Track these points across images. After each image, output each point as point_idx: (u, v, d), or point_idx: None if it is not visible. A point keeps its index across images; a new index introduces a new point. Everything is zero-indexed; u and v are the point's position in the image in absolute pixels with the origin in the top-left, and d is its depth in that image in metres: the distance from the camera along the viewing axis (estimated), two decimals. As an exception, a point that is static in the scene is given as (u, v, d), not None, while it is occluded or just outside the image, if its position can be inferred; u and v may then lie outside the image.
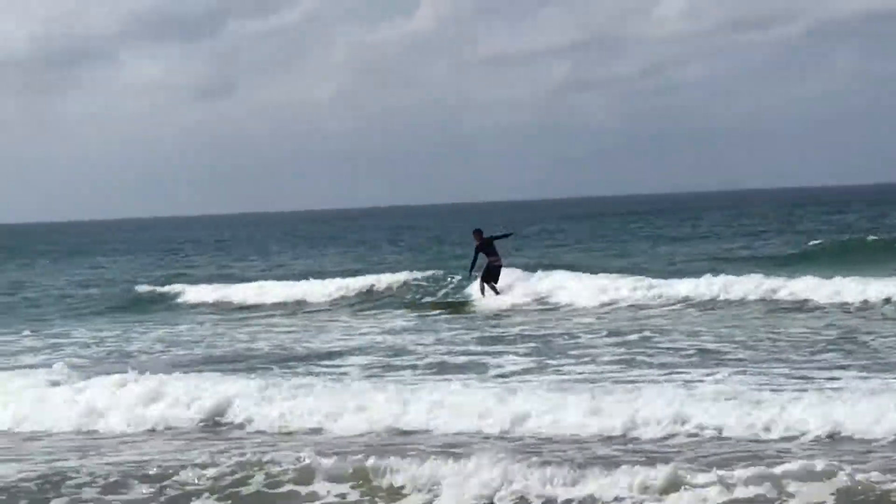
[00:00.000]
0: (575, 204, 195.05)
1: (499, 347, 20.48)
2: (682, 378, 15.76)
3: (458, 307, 29.07)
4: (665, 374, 16.36)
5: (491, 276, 29.30)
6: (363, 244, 70.96)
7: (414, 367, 18.50)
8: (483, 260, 29.31)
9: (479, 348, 20.48)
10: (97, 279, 47.42)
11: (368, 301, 31.60)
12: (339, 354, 20.46)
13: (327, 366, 18.97)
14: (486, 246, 29.21)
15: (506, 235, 31.11)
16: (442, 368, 18.17)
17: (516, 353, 19.36)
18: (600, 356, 18.61)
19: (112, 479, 11.28)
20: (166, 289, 35.97)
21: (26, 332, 26.48)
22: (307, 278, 35.24)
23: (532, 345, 20.52)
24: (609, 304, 27.60)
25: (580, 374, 16.94)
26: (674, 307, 26.80)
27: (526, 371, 17.39)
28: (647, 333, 21.41)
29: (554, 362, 18.15)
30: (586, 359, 18.44)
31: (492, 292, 29.12)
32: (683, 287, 28.09)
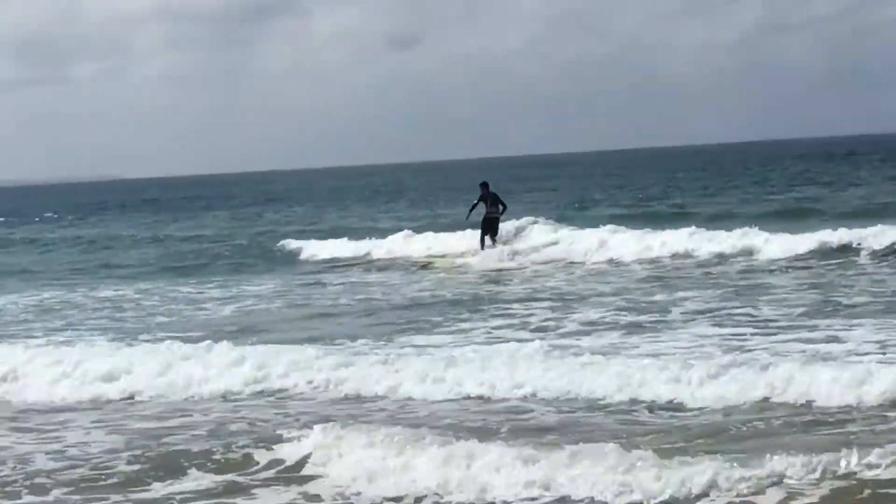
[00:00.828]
0: (782, 146, 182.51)
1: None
2: None
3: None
4: None
5: (488, 229, 30.14)
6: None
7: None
8: (482, 210, 30.29)
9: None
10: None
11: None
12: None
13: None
14: (488, 199, 30.08)
15: (504, 207, 30.51)
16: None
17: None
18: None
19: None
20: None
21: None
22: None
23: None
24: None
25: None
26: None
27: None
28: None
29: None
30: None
31: (490, 244, 30.03)
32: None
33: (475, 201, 30.71)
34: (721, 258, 26.43)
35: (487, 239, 30.17)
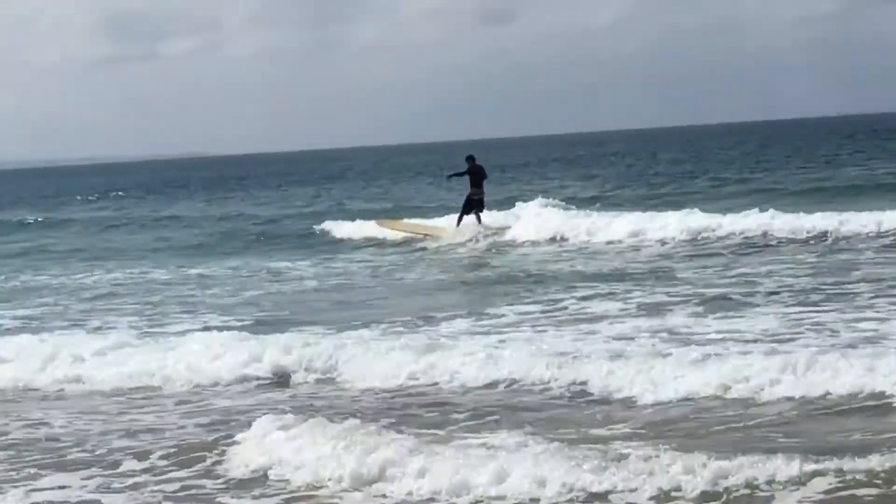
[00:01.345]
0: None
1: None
2: None
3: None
4: None
5: (473, 208, 28.67)
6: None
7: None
8: (467, 189, 28.85)
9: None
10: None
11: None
12: None
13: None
14: (474, 174, 28.56)
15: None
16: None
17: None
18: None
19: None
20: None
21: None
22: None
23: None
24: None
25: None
26: None
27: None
28: None
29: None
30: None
31: (470, 221, 28.64)
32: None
33: (461, 172, 29.48)
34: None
35: (469, 218, 28.82)
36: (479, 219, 28.86)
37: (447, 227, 29.53)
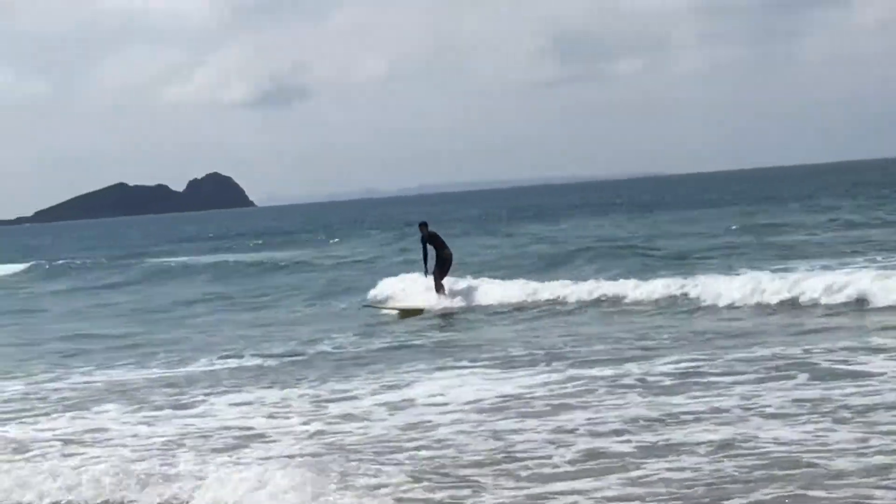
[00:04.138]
0: None
1: None
2: None
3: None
4: None
5: (445, 271, 27.05)
6: None
7: None
8: (432, 252, 27.07)
9: None
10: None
11: None
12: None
13: None
14: (433, 238, 27.17)
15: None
16: None
17: None
18: None
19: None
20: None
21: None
22: None
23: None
24: None
25: None
26: None
27: None
28: None
29: None
30: None
31: (443, 291, 26.83)
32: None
33: (422, 248, 27.20)
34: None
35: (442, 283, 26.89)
36: (441, 287, 27.04)
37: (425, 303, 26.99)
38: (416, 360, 18.30)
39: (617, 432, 11.94)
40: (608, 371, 15.66)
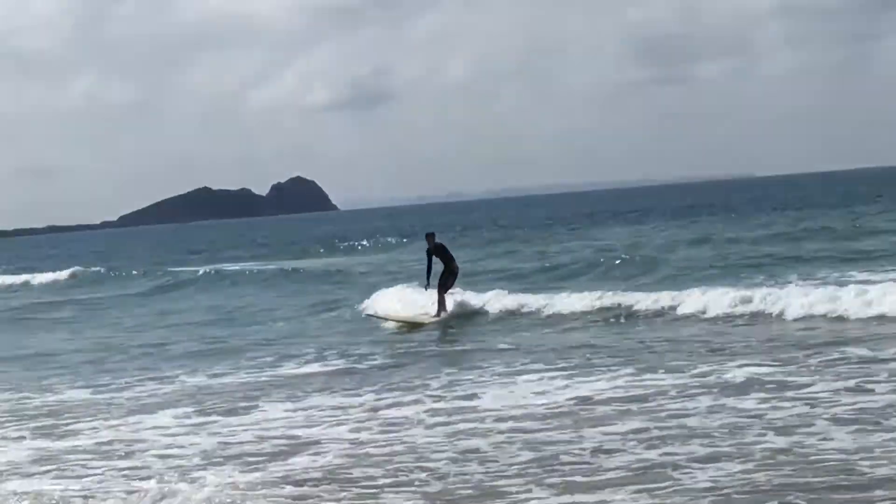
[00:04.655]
0: None
1: None
2: None
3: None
4: None
5: (450, 285, 26.38)
6: None
7: None
8: (439, 266, 26.27)
9: None
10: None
11: None
12: None
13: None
14: (440, 250, 26.35)
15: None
16: None
17: None
18: None
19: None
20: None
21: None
22: None
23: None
24: None
25: None
26: None
27: None
28: None
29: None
30: None
31: (445, 307, 26.14)
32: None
33: (427, 260, 26.33)
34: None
35: (446, 299, 26.34)
36: (444, 304, 26.43)
37: (428, 316, 26.50)
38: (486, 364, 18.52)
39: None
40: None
